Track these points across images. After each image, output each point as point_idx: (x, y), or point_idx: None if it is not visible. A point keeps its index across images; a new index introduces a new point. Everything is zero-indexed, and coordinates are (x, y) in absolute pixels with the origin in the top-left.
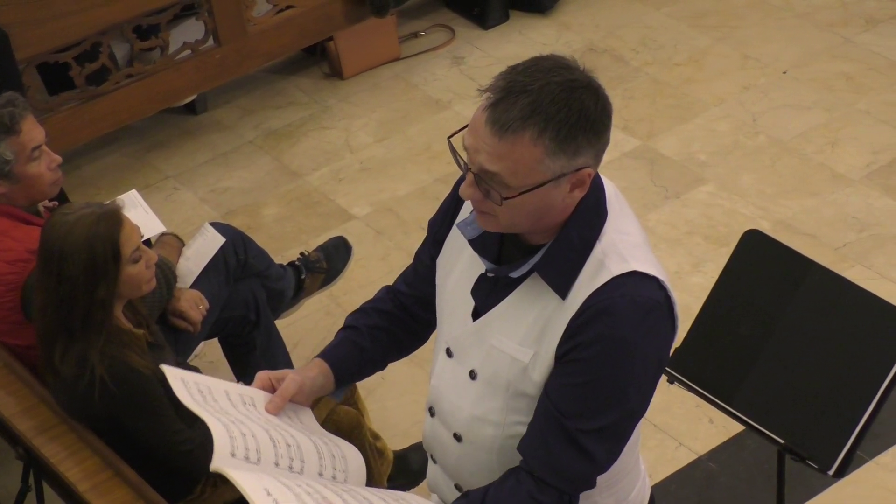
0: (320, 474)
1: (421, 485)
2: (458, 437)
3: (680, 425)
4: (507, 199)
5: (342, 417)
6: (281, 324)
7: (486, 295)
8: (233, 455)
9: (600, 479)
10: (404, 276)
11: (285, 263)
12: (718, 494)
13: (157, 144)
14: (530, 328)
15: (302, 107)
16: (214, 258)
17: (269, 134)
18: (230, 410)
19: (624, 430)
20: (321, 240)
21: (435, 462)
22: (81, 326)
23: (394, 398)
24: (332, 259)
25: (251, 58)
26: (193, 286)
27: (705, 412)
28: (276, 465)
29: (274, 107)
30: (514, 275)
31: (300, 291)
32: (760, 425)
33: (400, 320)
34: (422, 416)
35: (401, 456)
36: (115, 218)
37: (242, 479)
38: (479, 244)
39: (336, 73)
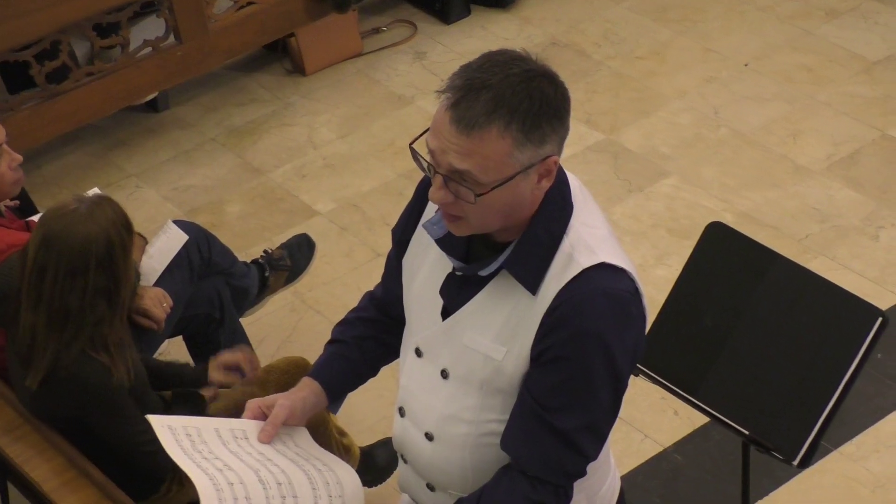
0: None
1: (388, 481)
2: (429, 437)
3: (645, 417)
4: (480, 195)
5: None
6: (245, 320)
7: (456, 293)
8: None
9: None
10: (382, 282)
11: (249, 261)
12: (684, 486)
13: (119, 143)
14: (503, 326)
15: (264, 103)
16: (178, 256)
17: (231, 131)
18: (221, 453)
19: (607, 420)
20: (285, 237)
21: (406, 462)
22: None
23: (358, 394)
24: (295, 257)
25: (213, 55)
26: (157, 284)
27: (670, 404)
28: None
29: (236, 104)
30: (484, 273)
31: (264, 289)
32: (725, 417)
33: (385, 325)
34: (387, 411)
35: (367, 452)
36: (110, 198)
37: None
38: (447, 243)
39: (298, 69)
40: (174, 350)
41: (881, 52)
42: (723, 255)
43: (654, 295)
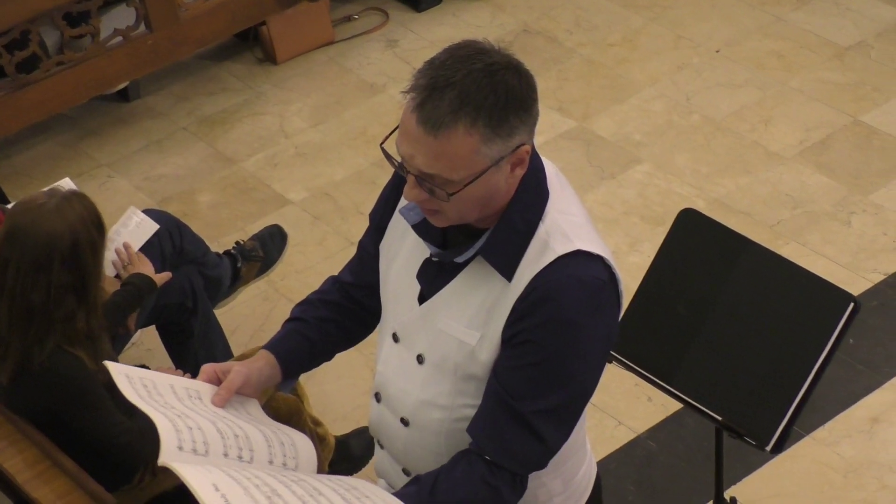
0: (270, 462)
1: (363, 470)
2: (405, 422)
3: (619, 404)
4: (453, 194)
5: (282, 405)
6: (218, 310)
7: (432, 279)
8: (180, 448)
9: None
10: (350, 267)
11: (221, 252)
12: (658, 472)
13: (90, 132)
14: (477, 311)
15: (236, 92)
16: (150, 245)
17: (202, 120)
18: (175, 404)
19: (575, 410)
20: (258, 226)
21: (382, 447)
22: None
23: (332, 382)
24: (267, 247)
25: (183, 44)
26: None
27: (644, 391)
28: (226, 455)
29: (207, 93)
30: (459, 259)
31: (236, 280)
32: (698, 403)
33: (348, 311)
34: (362, 399)
35: (342, 441)
36: (85, 195)
37: (190, 475)
38: (423, 229)
39: (269, 58)
40: (147, 339)
41: (852, 38)
42: (695, 242)
43: (628, 282)
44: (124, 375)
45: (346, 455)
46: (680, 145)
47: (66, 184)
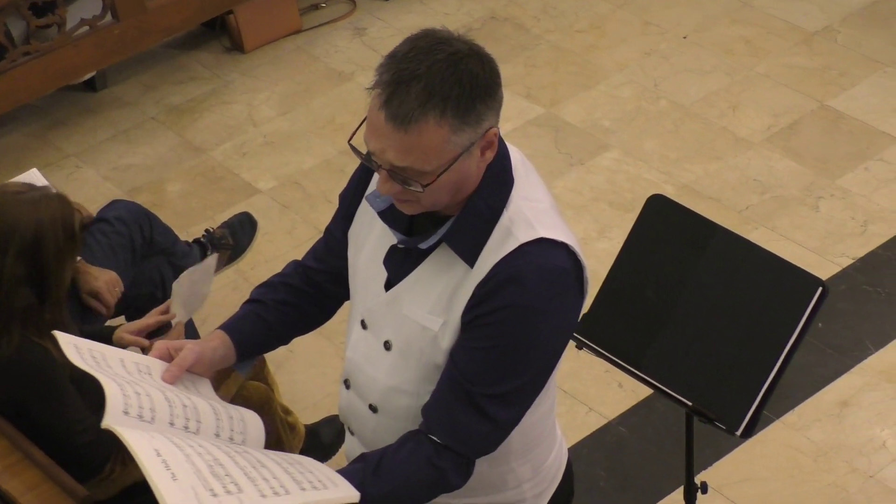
0: (217, 435)
1: (334, 458)
2: (373, 409)
3: (589, 391)
4: (427, 185)
5: (252, 393)
6: None
7: (399, 265)
8: (125, 413)
9: (516, 446)
10: (314, 252)
11: (191, 241)
12: (629, 458)
13: (58, 122)
14: (439, 296)
15: (203, 81)
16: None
17: (170, 109)
18: (124, 376)
19: (528, 395)
20: (227, 215)
21: (353, 434)
22: (37, 309)
23: (302, 371)
24: (237, 235)
25: (151, 33)
26: (98, 264)
27: (614, 377)
28: (172, 424)
29: (175, 82)
30: (424, 246)
31: None
32: (668, 388)
33: (307, 295)
34: (331, 388)
35: (312, 430)
36: (69, 201)
37: (132, 438)
38: (389, 216)
39: (237, 46)
40: None
41: (819, 23)
42: (664, 228)
43: (597, 268)
44: (73, 346)
45: (316, 443)
46: (648, 131)
47: (35, 174)
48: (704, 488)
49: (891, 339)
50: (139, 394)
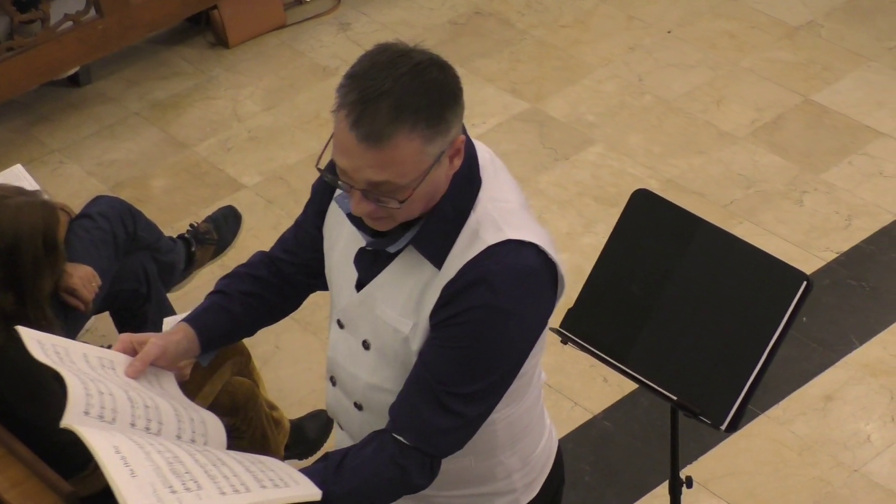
0: (178, 437)
1: (318, 452)
2: (358, 406)
3: (574, 385)
4: (404, 200)
5: (237, 388)
6: (172, 295)
7: (368, 266)
8: (86, 413)
9: (502, 439)
10: (283, 242)
11: (175, 236)
12: (614, 452)
13: (41, 118)
14: (408, 298)
15: (187, 77)
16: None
17: (154, 105)
18: (88, 372)
19: (495, 394)
20: (211, 210)
21: (342, 429)
22: (19, 309)
23: (288, 367)
24: (221, 230)
25: (134, 28)
26: (82, 261)
27: (599, 371)
28: (133, 425)
29: (159, 77)
30: (392, 250)
31: (191, 264)
32: (653, 383)
33: (274, 287)
34: (317, 383)
35: (297, 425)
36: (55, 211)
37: (91, 436)
38: (357, 218)
39: (221, 42)
40: (101, 326)
41: (803, 18)
42: (649, 222)
43: (582, 263)
44: (36, 341)
45: (301, 438)
46: (632, 126)
47: (18, 170)
48: (689, 482)
49: (875, 333)
50: (102, 393)
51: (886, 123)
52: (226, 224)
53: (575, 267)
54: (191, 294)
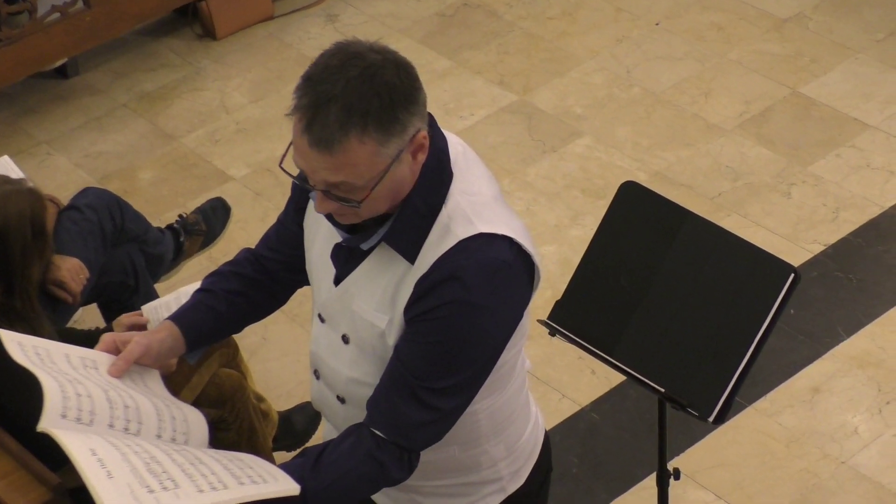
0: (159, 436)
1: (307, 444)
2: (341, 399)
3: (562, 377)
4: (362, 201)
5: (225, 380)
6: (161, 286)
7: (345, 262)
8: (63, 416)
9: (486, 428)
10: (266, 240)
11: (164, 227)
12: (602, 444)
13: (29, 110)
14: (384, 293)
15: (175, 68)
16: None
17: (142, 97)
18: (69, 372)
19: (471, 387)
20: (199, 202)
21: (329, 421)
22: (6, 299)
23: (276, 359)
24: (210, 221)
25: (122, 20)
26: (70, 253)
27: (587, 363)
28: (111, 426)
29: (146, 69)
30: (365, 246)
31: (179, 255)
32: (641, 375)
33: (259, 284)
34: (305, 375)
35: (285, 417)
36: (41, 198)
37: (68, 439)
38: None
39: (209, 33)
40: (89, 318)
41: (791, 10)
42: (637, 215)
43: (570, 255)
44: (16, 343)
45: (288, 430)
46: (620, 118)
47: (5, 162)
48: (677, 474)
49: (862, 325)
50: (80, 395)
51: (874, 116)
52: (214, 215)
53: (563, 259)
54: (179, 285)
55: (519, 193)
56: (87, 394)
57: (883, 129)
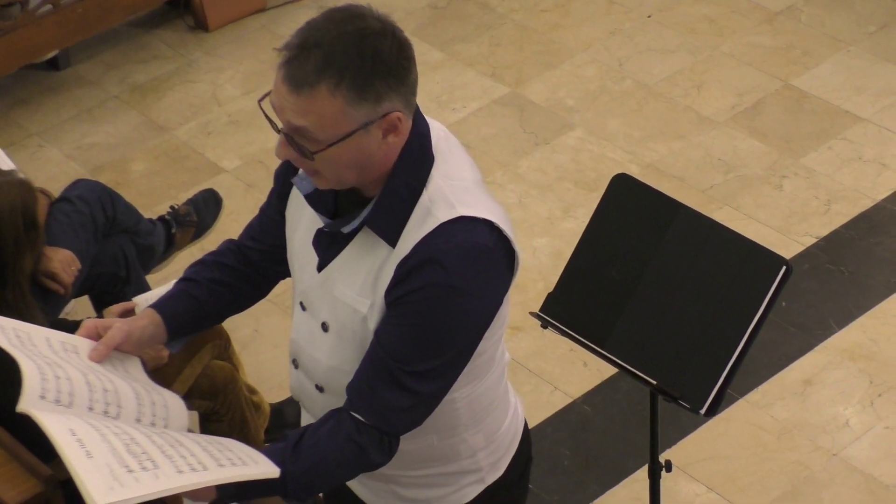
0: (138, 420)
1: None
2: (320, 388)
3: (554, 370)
4: (315, 153)
5: (216, 372)
6: (152, 277)
7: (327, 248)
8: (42, 398)
9: (464, 418)
10: (249, 230)
11: (155, 218)
12: (593, 437)
13: (20, 102)
14: (366, 278)
15: (167, 60)
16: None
17: (134, 88)
18: (49, 355)
19: (451, 372)
20: (191, 194)
21: (307, 411)
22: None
23: (268, 351)
24: (202, 212)
25: (114, 12)
26: (61, 244)
27: (579, 356)
28: (90, 409)
29: (138, 61)
30: (346, 230)
31: (171, 246)
32: (633, 367)
33: (242, 274)
34: None
35: (277, 409)
36: (32, 189)
37: (46, 419)
38: (315, 199)
39: (201, 25)
40: (80, 309)
41: (782, 2)
42: (629, 207)
43: (562, 247)
44: None
45: (280, 422)
46: (613, 110)
47: None
48: (669, 467)
49: (854, 317)
50: (59, 377)
51: (866, 108)
52: (206, 207)
53: (555, 251)
54: (170, 276)
55: (511, 186)
56: (66, 376)
57: (875, 121)
